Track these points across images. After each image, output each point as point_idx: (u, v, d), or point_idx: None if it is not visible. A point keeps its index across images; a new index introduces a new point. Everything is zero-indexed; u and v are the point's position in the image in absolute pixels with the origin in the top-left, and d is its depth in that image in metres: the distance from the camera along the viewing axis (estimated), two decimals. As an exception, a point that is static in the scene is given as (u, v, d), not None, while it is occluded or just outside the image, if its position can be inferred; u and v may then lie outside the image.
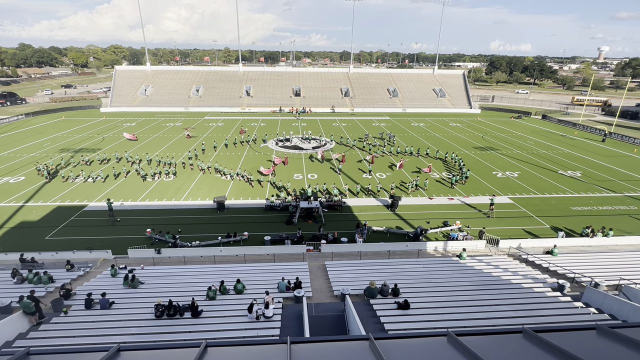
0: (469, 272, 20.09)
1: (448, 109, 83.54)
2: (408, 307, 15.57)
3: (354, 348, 4.66)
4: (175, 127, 60.73)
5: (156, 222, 27.13)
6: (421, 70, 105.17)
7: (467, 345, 4.37)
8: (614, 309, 15.30)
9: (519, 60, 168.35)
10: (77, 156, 42.11)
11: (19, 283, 18.68)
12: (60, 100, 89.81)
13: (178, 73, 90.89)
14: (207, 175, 37.13)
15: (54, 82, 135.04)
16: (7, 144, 48.64)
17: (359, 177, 37.27)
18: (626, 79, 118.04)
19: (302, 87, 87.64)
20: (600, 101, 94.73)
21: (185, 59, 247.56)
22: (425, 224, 27.42)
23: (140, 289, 18.10)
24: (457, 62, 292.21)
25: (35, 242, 24.26)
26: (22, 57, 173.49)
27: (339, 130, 60.35)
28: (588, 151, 49.47)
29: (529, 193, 33.81)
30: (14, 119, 64.74)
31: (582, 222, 27.45)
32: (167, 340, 13.58)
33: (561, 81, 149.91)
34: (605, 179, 38.08)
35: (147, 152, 43.88)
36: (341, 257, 22.81)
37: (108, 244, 23.99)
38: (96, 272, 20.77)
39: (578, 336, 4.77)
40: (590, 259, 22.15)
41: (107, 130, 57.93)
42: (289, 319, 15.13)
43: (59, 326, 14.67)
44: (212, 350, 4.65)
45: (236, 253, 23.04)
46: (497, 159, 44.98)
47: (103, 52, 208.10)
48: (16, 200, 30.67)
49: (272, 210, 29.39)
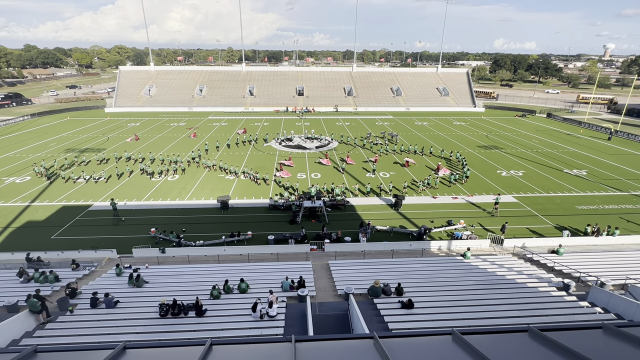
0: (474, 272, 20.00)
1: (452, 107, 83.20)
2: (412, 306, 15.54)
3: (359, 347, 4.65)
4: (179, 127, 60.99)
5: (160, 221, 27.29)
6: (425, 69, 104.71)
7: (472, 344, 4.35)
8: (620, 309, 15.17)
9: (524, 59, 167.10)
10: (70, 157, 42.00)
11: (26, 282, 18.86)
12: (65, 100, 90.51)
13: (182, 73, 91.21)
14: (211, 175, 37.26)
15: (59, 83, 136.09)
16: (13, 144, 49.11)
17: (362, 177, 37.23)
18: (632, 76, 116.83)
19: (306, 87, 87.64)
20: (605, 99, 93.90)
21: (189, 59, 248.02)
22: (429, 223, 27.35)
23: (145, 288, 18.21)
24: (460, 60, 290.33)
25: (41, 242, 24.48)
26: (28, 58, 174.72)
27: (342, 129, 60.30)
28: (594, 149, 49.03)
29: (533, 192, 33.59)
30: (19, 120, 65.36)
31: (588, 221, 27.22)
32: (172, 339, 13.64)
33: (566, 79, 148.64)
34: (611, 177, 37.74)
35: (151, 151, 44.07)
36: (345, 256, 22.80)
37: (113, 243, 24.17)
38: (101, 271, 20.94)
39: (584, 335, 4.73)
40: (596, 258, 21.98)
41: (111, 130, 58.31)
42: (292, 318, 15.15)
43: (65, 325, 14.80)
44: (217, 348, 4.66)
45: (240, 252, 23.12)
46: (501, 157, 44.73)
47: (107, 53, 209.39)
48: (22, 200, 30.96)
49: (276, 209, 29.44)
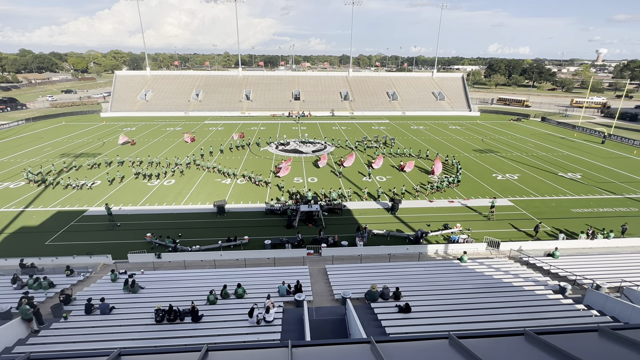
0: (470, 275, 20.04)
1: (447, 111, 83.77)
2: (409, 310, 15.52)
3: (356, 351, 4.65)
4: (175, 132, 60.85)
5: (156, 226, 27.12)
6: (420, 74, 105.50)
7: (468, 347, 4.37)
8: (616, 311, 15.24)
9: (518, 63, 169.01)
10: (59, 164, 41.20)
11: (19, 289, 18.62)
12: (61, 105, 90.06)
13: (178, 78, 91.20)
14: (207, 180, 37.15)
15: (55, 88, 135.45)
16: (7, 149, 48.71)
17: (359, 181, 37.30)
18: (625, 81, 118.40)
19: (302, 91, 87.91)
20: (599, 103, 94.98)
21: (185, 64, 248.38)
22: (426, 226, 27.41)
23: (141, 294, 18.05)
24: (456, 65, 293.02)
25: (35, 248, 24.21)
26: (23, 63, 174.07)
27: (338, 133, 60.48)
28: (588, 153, 49.51)
29: (529, 195, 33.81)
30: (14, 125, 64.87)
31: (583, 224, 27.43)
32: (168, 345, 13.51)
33: (560, 84, 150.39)
34: (605, 180, 38.08)
35: (148, 155, 43.85)
36: (342, 260, 22.75)
37: (108, 248, 23.97)
38: (96, 277, 20.72)
39: (580, 338, 4.76)
40: (592, 261, 22.09)
41: (107, 135, 58.04)
42: (289, 323, 15.06)
43: (59, 331, 14.60)
44: (213, 354, 4.64)
45: (236, 257, 22.98)
46: (496, 161, 45.03)
47: (103, 58, 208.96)
48: (16, 205, 30.66)
49: (273, 214, 29.38)
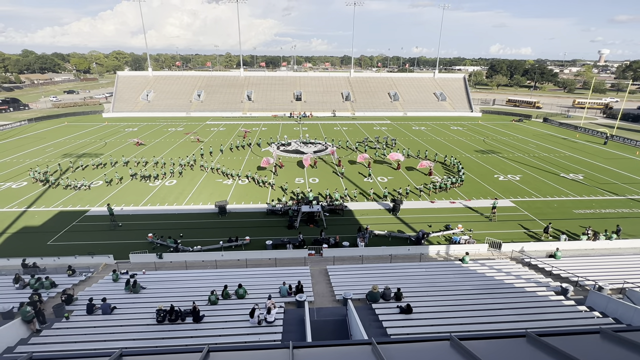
0: (472, 276, 20.00)
1: (449, 112, 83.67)
2: (410, 311, 15.50)
3: (356, 352, 4.64)
4: (177, 132, 60.97)
5: (158, 226, 27.17)
6: (422, 74, 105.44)
7: (470, 349, 4.35)
8: (618, 313, 15.18)
9: (520, 64, 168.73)
10: (65, 163, 41.57)
11: (21, 288, 18.69)
12: (63, 105, 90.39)
13: (180, 78, 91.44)
14: (208, 180, 37.21)
15: (57, 88, 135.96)
16: (10, 149, 48.92)
17: (360, 181, 37.28)
18: (627, 81, 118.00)
19: (303, 92, 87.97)
20: (601, 104, 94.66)
21: (187, 64, 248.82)
22: (427, 227, 27.37)
23: (142, 294, 18.08)
24: (457, 65, 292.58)
25: (37, 248, 24.29)
26: (25, 64, 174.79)
27: (340, 134, 60.47)
28: (590, 154, 49.35)
29: (531, 196, 33.72)
30: (17, 125, 65.17)
31: (585, 225, 27.29)
32: (169, 345, 13.53)
33: (562, 84, 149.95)
34: (607, 181, 37.95)
35: (151, 155, 43.97)
36: (343, 261, 22.74)
37: (110, 249, 24.03)
38: (98, 277, 20.77)
39: (582, 340, 4.74)
40: (594, 262, 22.00)
41: (109, 135, 58.23)
42: (290, 323, 15.07)
43: (60, 331, 14.65)
44: (215, 355, 4.64)
45: (238, 257, 23.00)
46: (498, 162, 44.93)
47: (105, 58, 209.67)
48: (18, 205, 30.77)
49: (274, 214, 29.39)
